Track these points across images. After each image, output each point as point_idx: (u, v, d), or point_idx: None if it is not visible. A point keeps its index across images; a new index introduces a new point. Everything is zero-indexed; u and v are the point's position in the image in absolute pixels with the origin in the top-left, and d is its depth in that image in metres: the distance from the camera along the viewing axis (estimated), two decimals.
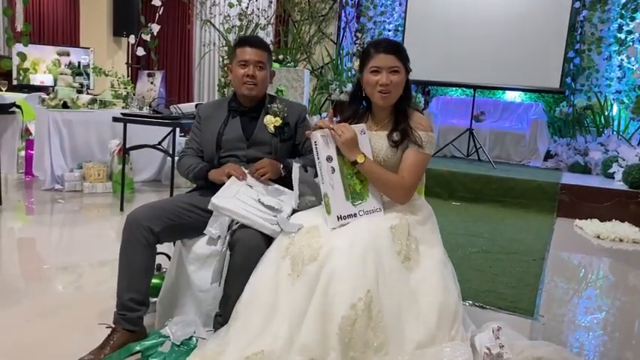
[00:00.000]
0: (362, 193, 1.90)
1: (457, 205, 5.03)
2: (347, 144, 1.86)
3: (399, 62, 1.94)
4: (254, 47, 2.15)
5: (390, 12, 7.92)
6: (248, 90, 2.15)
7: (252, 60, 2.14)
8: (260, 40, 2.22)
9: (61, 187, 4.67)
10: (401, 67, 1.95)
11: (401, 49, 1.98)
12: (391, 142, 1.95)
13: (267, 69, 2.18)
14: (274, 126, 2.15)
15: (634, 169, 4.82)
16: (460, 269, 2.37)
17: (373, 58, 1.95)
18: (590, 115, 6.58)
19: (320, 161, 1.86)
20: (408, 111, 2.00)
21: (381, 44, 1.97)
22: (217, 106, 2.27)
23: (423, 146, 1.94)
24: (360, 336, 1.63)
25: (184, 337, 1.86)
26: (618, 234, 4.21)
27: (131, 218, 1.94)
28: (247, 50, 2.15)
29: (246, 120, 2.20)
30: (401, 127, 1.96)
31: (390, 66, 1.93)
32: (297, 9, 7.82)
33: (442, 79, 6.75)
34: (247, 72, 2.13)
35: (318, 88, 7.63)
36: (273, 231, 1.87)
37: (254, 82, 2.14)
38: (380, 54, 1.94)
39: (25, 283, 2.75)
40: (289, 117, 2.20)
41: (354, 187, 1.90)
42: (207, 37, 8.83)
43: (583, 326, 2.54)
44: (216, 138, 2.17)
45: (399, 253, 1.78)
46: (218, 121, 2.20)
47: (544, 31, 6.24)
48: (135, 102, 5.06)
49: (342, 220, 1.84)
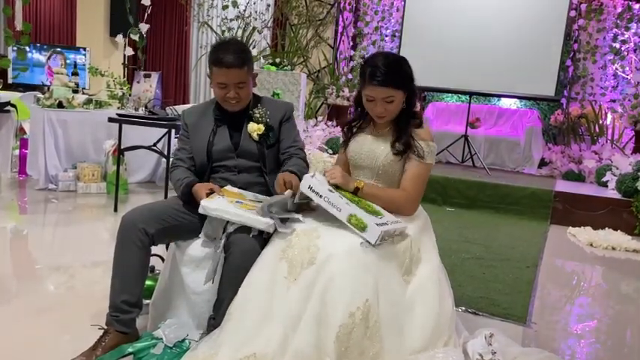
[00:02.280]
0: (378, 211, 1.84)
1: (451, 211, 5.04)
2: (341, 179, 1.88)
3: (394, 91, 1.91)
4: (231, 68, 2.00)
5: (388, 17, 7.95)
6: (231, 107, 2.11)
7: (231, 83, 2.03)
8: (236, 58, 2.01)
9: (55, 187, 4.64)
10: (397, 94, 1.92)
11: (397, 77, 1.91)
12: (395, 150, 1.96)
13: (248, 83, 2.09)
14: (257, 134, 2.13)
15: (627, 178, 4.85)
16: (454, 275, 2.38)
17: (367, 87, 1.93)
18: (584, 123, 6.61)
19: (324, 196, 1.79)
20: (411, 122, 2.00)
21: (376, 74, 1.89)
22: (202, 114, 2.22)
23: (425, 157, 1.95)
24: (357, 345, 1.62)
25: (177, 340, 1.86)
26: (611, 242, 4.23)
27: (126, 220, 1.94)
28: (224, 72, 2.01)
29: (233, 129, 2.16)
30: (403, 139, 1.96)
31: (384, 97, 1.92)
32: (294, 12, 7.84)
33: (438, 85, 6.77)
34: (228, 94, 2.06)
35: (314, 92, 7.64)
36: (267, 225, 1.82)
37: (237, 99, 2.09)
38: (374, 86, 1.90)
39: (16, 283, 2.73)
40: (272, 119, 2.15)
41: (368, 207, 1.83)
42: (204, 39, 8.84)
43: (575, 334, 2.54)
44: (207, 149, 2.15)
45: (397, 263, 1.78)
46: (206, 130, 2.17)
47: (540, 39, 6.28)
48: (131, 103, 5.06)
49: (381, 226, 1.72)
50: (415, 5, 6.92)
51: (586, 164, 5.93)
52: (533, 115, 7.09)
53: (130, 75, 6.82)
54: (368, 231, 1.71)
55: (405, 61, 1.98)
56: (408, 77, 1.96)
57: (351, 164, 2.11)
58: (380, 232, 1.69)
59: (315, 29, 7.85)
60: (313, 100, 7.57)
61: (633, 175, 4.82)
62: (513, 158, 6.71)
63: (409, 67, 1.98)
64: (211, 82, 2.11)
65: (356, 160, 2.07)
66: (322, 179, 1.86)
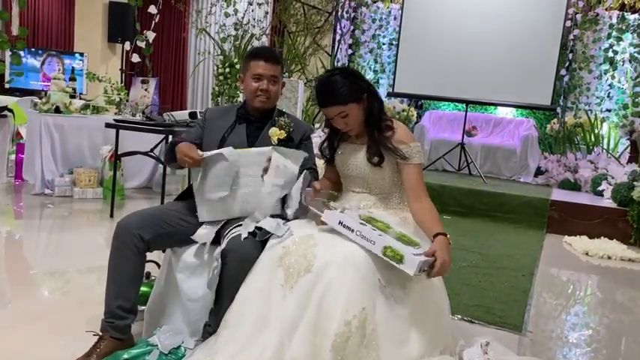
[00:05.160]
0: (414, 241, 1.79)
1: (448, 219, 5.05)
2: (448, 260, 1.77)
3: (341, 107, 1.93)
4: (269, 62, 2.13)
5: (385, 26, 8.00)
6: (261, 103, 2.15)
7: (267, 75, 2.12)
8: (274, 54, 2.19)
9: (51, 192, 4.63)
10: (345, 108, 1.94)
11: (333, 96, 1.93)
12: (372, 163, 1.98)
13: (279, 82, 2.19)
14: (278, 138, 2.15)
15: (623, 188, 4.87)
16: (450, 283, 2.38)
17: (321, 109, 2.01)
18: (580, 132, 6.65)
19: (356, 230, 1.73)
20: (381, 129, 2.00)
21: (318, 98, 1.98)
22: (225, 112, 2.26)
23: (413, 158, 1.96)
24: (353, 353, 1.62)
25: (172, 346, 1.85)
26: (607, 251, 4.24)
27: (121, 225, 1.93)
28: (262, 64, 2.12)
29: (252, 128, 2.19)
30: (373, 149, 1.98)
31: (337, 114, 1.96)
32: (292, 20, 7.88)
33: (435, 94, 6.81)
34: (261, 86, 2.12)
35: (311, 99, 7.66)
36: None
37: (267, 95, 2.14)
38: (322, 107, 1.99)
39: (11, 288, 2.72)
40: (294, 133, 2.18)
41: (403, 237, 1.78)
42: (202, 46, 8.86)
43: (570, 342, 2.54)
44: (219, 141, 2.16)
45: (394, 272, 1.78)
46: (224, 125, 2.19)
47: (536, 49, 6.32)
48: (128, 108, 5.05)
49: (419, 257, 1.67)
50: (412, 14, 6.96)
51: (582, 173, 5.96)
52: (529, 123, 7.13)
53: (127, 81, 6.82)
54: (405, 262, 1.65)
55: (344, 75, 1.97)
56: (350, 90, 1.94)
57: (342, 175, 2.13)
58: (418, 262, 1.63)
59: (313, 37, 7.88)
60: (310, 108, 7.59)
61: (629, 185, 4.84)
62: (509, 167, 6.73)
63: (353, 78, 1.97)
64: (242, 79, 2.19)
65: (345, 171, 2.09)
66: (351, 213, 1.82)
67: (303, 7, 7.93)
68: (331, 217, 1.79)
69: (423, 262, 1.67)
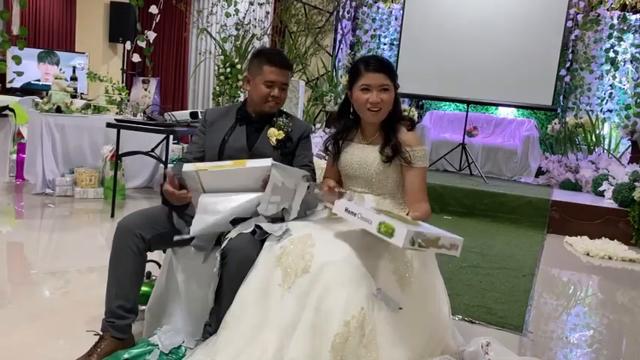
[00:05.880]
0: (416, 223, 1.76)
1: (449, 219, 5.05)
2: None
3: (388, 80, 1.96)
4: (283, 69, 2.13)
5: (386, 26, 7.99)
6: (269, 108, 2.16)
7: (279, 82, 2.13)
8: (287, 61, 2.20)
9: (52, 192, 4.63)
10: (390, 85, 1.97)
11: (390, 66, 2.00)
12: (384, 157, 1.97)
13: (288, 88, 2.20)
14: (276, 139, 2.15)
15: (624, 188, 4.86)
16: (450, 283, 2.38)
17: (363, 76, 1.97)
18: (581, 132, 6.64)
19: (357, 213, 1.72)
20: (396, 126, 2.01)
21: (370, 62, 1.97)
22: (225, 113, 2.26)
23: (416, 162, 1.96)
24: (352, 354, 1.62)
25: (173, 346, 1.85)
26: (607, 252, 4.23)
27: (122, 225, 1.94)
28: (276, 71, 2.11)
29: (252, 130, 2.20)
30: (392, 142, 1.98)
31: (380, 84, 1.95)
32: (293, 20, 7.88)
33: (436, 94, 6.80)
34: (273, 93, 2.12)
35: (312, 99, 7.66)
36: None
37: (277, 102, 2.15)
38: (370, 72, 1.95)
39: (11, 288, 2.72)
40: (293, 133, 2.19)
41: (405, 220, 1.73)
42: (203, 46, 8.86)
43: (571, 343, 2.54)
44: (220, 145, 2.16)
45: (394, 272, 1.78)
46: (224, 127, 2.20)
47: (537, 49, 6.31)
48: (129, 108, 5.06)
49: (413, 227, 1.61)
50: (413, 14, 6.95)
51: (583, 174, 5.95)
52: (530, 124, 7.12)
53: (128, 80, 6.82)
54: (395, 235, 1.56)
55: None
56: (396, 74, 2.01)
57: (344, 175, 2.13)
58: (407, 231, 1.53)
59: (314, 37, 7.88)
60: (311, 108, 7.59)
61: (630, 185, 4.84)
62: (510, 167, 6.73)
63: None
64: (249, 80, 2.17)
65: (348, 170, 2.08)
66: (360, 202, 1.84)
67: (304, 7, 7.93)
68: (339, 206, 1.80)
69: (415, 234, 1.56)
